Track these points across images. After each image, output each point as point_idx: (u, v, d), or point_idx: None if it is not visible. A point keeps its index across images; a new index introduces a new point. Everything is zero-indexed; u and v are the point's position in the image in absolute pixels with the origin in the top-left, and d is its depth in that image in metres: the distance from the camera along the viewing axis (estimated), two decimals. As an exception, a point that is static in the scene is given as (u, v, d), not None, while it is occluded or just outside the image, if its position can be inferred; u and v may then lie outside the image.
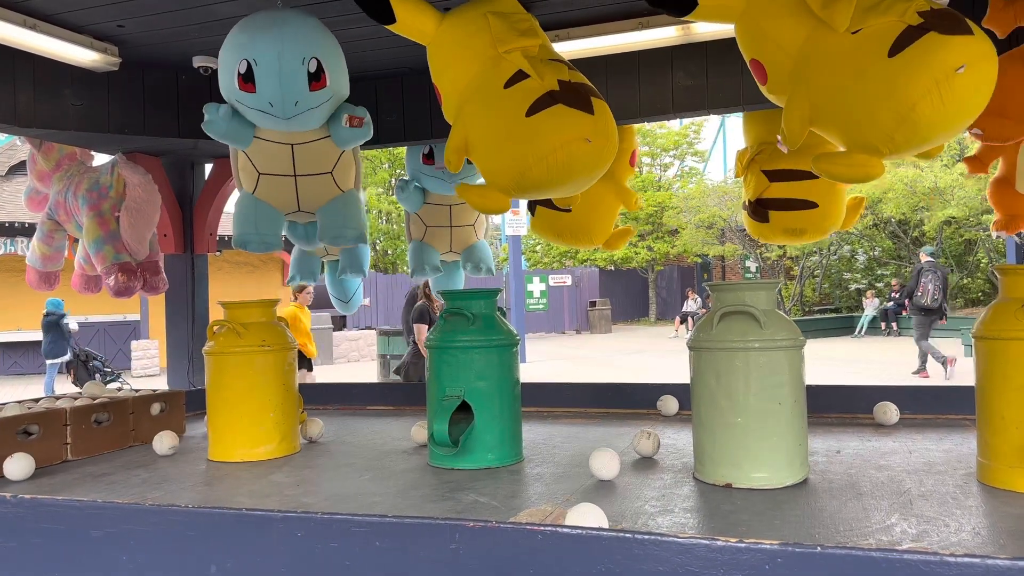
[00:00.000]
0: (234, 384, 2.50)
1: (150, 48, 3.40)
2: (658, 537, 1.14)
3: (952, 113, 1.96)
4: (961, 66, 1.89)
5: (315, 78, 2.68)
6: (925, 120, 1.95)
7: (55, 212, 4.11)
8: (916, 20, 1.97)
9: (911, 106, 1.93)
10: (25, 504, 1.46)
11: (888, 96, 1.97)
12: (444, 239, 4.09)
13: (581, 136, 2.23)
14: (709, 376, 1.98)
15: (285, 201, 3.12)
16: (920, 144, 2.06)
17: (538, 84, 2.26)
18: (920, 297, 11.62)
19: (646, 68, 3.44)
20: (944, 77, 1.90)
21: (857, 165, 2.11)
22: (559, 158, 2.23)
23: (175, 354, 4.28)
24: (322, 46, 2.71)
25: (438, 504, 1.89)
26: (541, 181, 2.28)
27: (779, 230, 3.24)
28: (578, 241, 3.58)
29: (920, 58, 1.92)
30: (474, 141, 2.39)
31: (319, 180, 3.07)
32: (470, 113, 2.40)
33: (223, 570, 1.32)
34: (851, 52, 2.05)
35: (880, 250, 24.69)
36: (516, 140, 2.27)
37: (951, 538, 1.51)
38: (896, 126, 1.98)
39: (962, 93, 1.93)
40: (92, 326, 17.95)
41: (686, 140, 30.63)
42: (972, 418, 2.62)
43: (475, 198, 2.47)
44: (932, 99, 1.92)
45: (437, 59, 2.53)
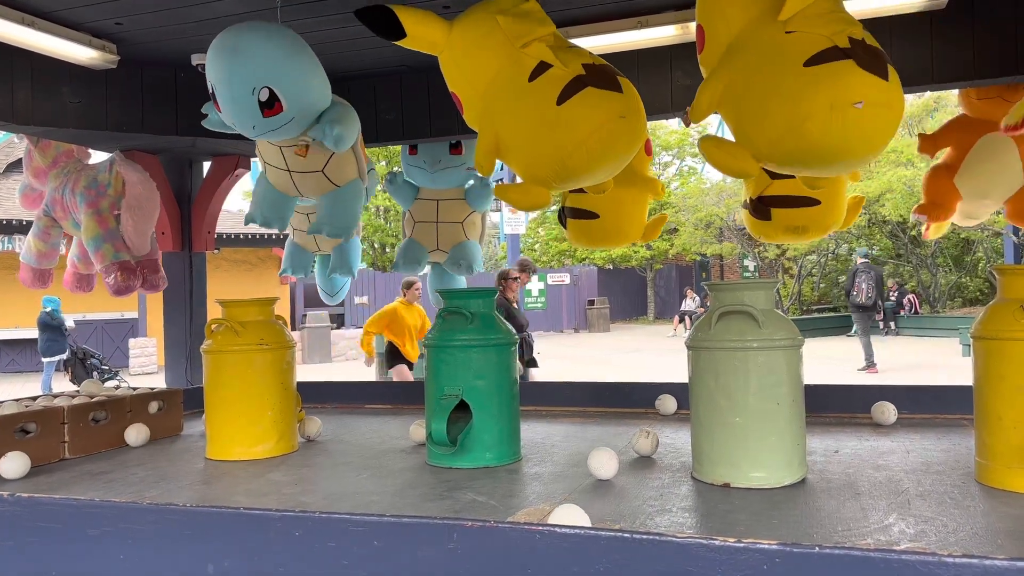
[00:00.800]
0: (232, 383, 2.49)
1: (148, 46, 3.39)
2: (656, 537, 1.14)
3: (838, 141, 1.98)
4: (859, 101, 1.92)
5: (267, 106, 2.67)
6: (811, 138, 1.98)
7: (51, 209, 4.10)
8: (844, 43, 1.99)
9: (802, 119, 1.97)
10: (22, 503, 1.46)
11: (787, 102, 2.01)
12: (431, 235, 4.07)
13: (616, 115, 2.23)
14: (708, 375, 1.98)
15: (286, 188, 3.23)
16: (800, 162, 2.08)
17: (563, 71, 2.25)
18: (856, 296, 12.65)
19: (645, 67, 3.44)
20: (841, 104, 1.94)
21: (737, 158, 2.14)
22: (597, 141, 2.22)
23: (173, 352, 4.28)
24: (276, 71, 2.65)
25: (436, 503, 1.89)
26: (582, 166, 2.27)
27: (781, 228, 3.23)
28: (616, 243, 3.57)
29: (828, 78, 1.96)
30: (506, 139, 2.37)
31: (312, 177, 3.13)
32: (498, 112, 2.38)
33: (220, 569, 1.31)
34: (777, 50, 2.08)
35: (878, 248, 24.69)
36: (551, 130, 2.25)
37: (949, 538, 1.51)
38: (783, 134, 2.02)
39: (853, 127, 1.96)
40: (90, 324, 17.95)
41: (689, 140, 30.62)
42: (970, 418, 2.62)
43: (516, 196, 2.44)
44: (822, 120, 1.95)
45: (452, 67, 2.52)
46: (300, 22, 3.08)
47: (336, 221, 3.19)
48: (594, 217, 3.38)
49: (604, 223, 3.40)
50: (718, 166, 2.23)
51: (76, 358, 12.69)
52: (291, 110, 2.72)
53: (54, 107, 3.43)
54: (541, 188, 2.37)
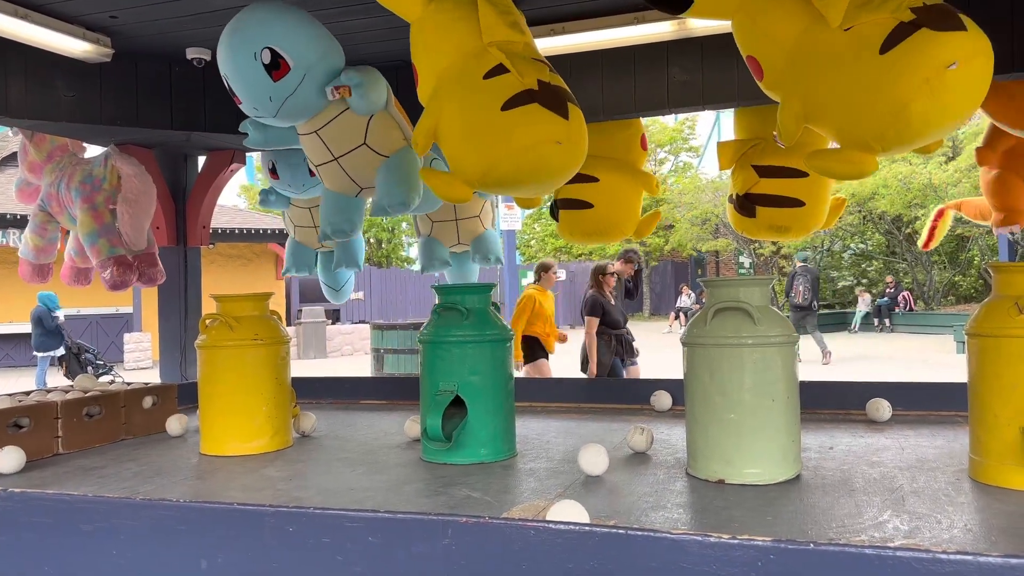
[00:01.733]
0: (226, 378, 2.49)
1: (143, 39, 3.37)
2: (650, 533, 1.14)
3: (944, 110, 1.96)
4: (953, 63, 1.89)
5: (273, 67, 2.61)
6: (917, 117, 1.95)
7: (47, 204, 4.09)
8: (908, 16, 1.96)
9: (903, 104, 1.93)
10: (16, 498, 1.45)
11: (879, 94, 1.97)
12: (451, 232, 4.05)
13: (552, 138, 2.21)
14: (703, 372, 1.98)
15: (343, 184, 3.04)
16: (912, 141, 2.06)
17: (517, 80, 2.24)
18: (793, 297, 13.78)
19: (641, 63, 3.43)
20: (935, 74, 1.90)
21: (852, 162, 2.11)
22: (529, 158, 2.21)
23: (167, 347, 4.27)
24: (272, 32, 2.62)
25: (431, 499, 1.89)
26: (507, 178, 2.26)
27: (764, 226, 3.23)
28: (608, 236, 3.54)
29: (911, 55, 1.92)
30: (445, 128, 2.36)
31: (358, 155, 2.95)
32: (445, 99, 2.37)
33: (214, 565, 1.31)
34: (843, 49, 2.05)
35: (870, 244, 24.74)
36: (488, 133, 2.24)
37: (943, 535, 1.51)
38: (888, 124, 1.98)
39: (954, 90, 1.93)
40: (84, 318, 17.90)
41: (681, 136, 30.63)
42: (964, 415, 2.63)
43: (438, 183, 2.43)
44: (923, 96, 1.92)
45: (419, 39, 2.51)
46: (296, 16, 3.06)
47: (393, 192, 2.89)
48: (588, 207, 3.37)
49: (597, 213, 3.39)
50: (838, 175, 2.21)
51: (71, 353, 12.65)
52: (299, 66, 2.65)
53: (48, 100, 3.41)
54: (464, 185, 2.37)
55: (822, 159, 2.18)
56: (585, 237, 3.59)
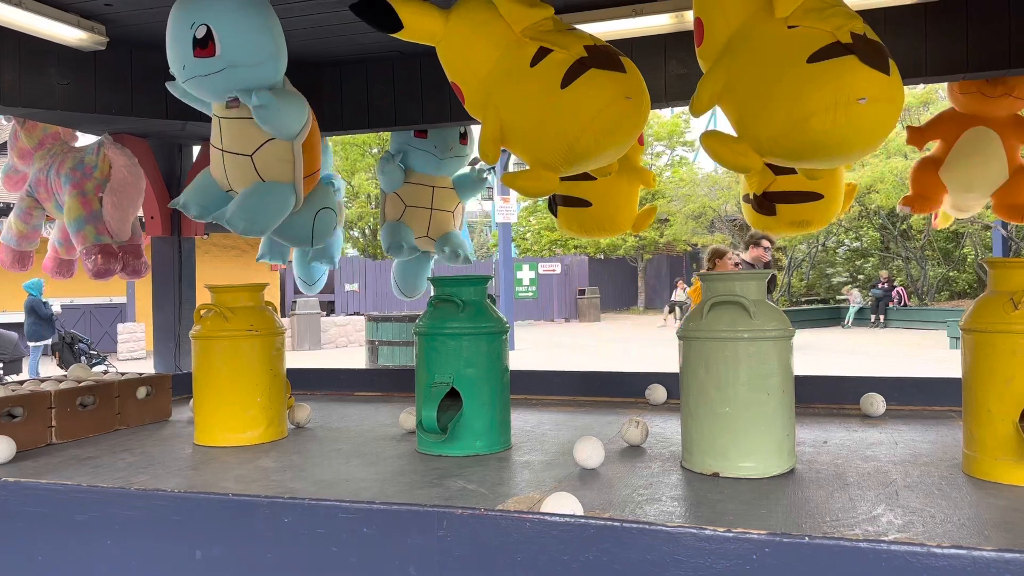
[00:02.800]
0: (221, 368, 2.48)
1: (138, 27, 3.35)
2: (645, 526, 1.14)
3: (840, 138, 1.98)
4: (863, 98, 1.92)
5: (200, 45, 2.63)
6: (813, 134, 1.98)
7: (35, 190, 4.06)
8: (846, 39, 1.99)
9: (806, 116, 1.96)
10: (9, 487, 1.45)
11: (789, 99, 2.00)
12: (423, 221, 4.02)
13: (621, 95, 2.21)
14: (698, 366, 1.98)
15: (219, 176, 2.98)
16: (801, 157, 2.08)
17: (565, 55, 2.23)
18: None
19: (639, 56, 3.42)
20: (845, 101, 1.93)
21: (739, 153, 2.13)
22: (604, 122, 2.20)
23: (161, 337, 4.25)
24: (218, 15, 2.62)
25: (426, 491, 1.89)
26: (589, 149, 2.25)
27: (786, 222, 3.23)
28: (606, 231, 3.54)
29: (831, 74, 1.95)
30: (511, 126, 2.35)
31: (239, 161, 2.88)
32: (501, 100, 2.36)
33: (208, 555, 1.31)
34: (779, 45, 2.07)
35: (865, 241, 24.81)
36: (557, 114, 2.23)
37: (937, 529, 1.52)
38: (786, 130, 2.01)
39: (856, 123, 1.96)
40: (78, 308, 17.84)
41: (678, 130, 30.64)
42: (958, 410, 2.64)
43: (525, 183, 2.42)
44: (826, 117, 1.95)
45: (452, 56, 2.50)
46: (292, 5, 3.05)
47: (241, 212, 2.81)
48: (586, 205, 3.37)
49: (597, 211, 3.39)
50: (720, 161, 2.22)
51: (64, 343, 12.62)
52: (224, 58, 2.64)
53: (42, 88, 3.39)
54: (549, 173, 2.36)
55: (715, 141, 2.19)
56: (584, 232, 3.60)
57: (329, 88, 3.81)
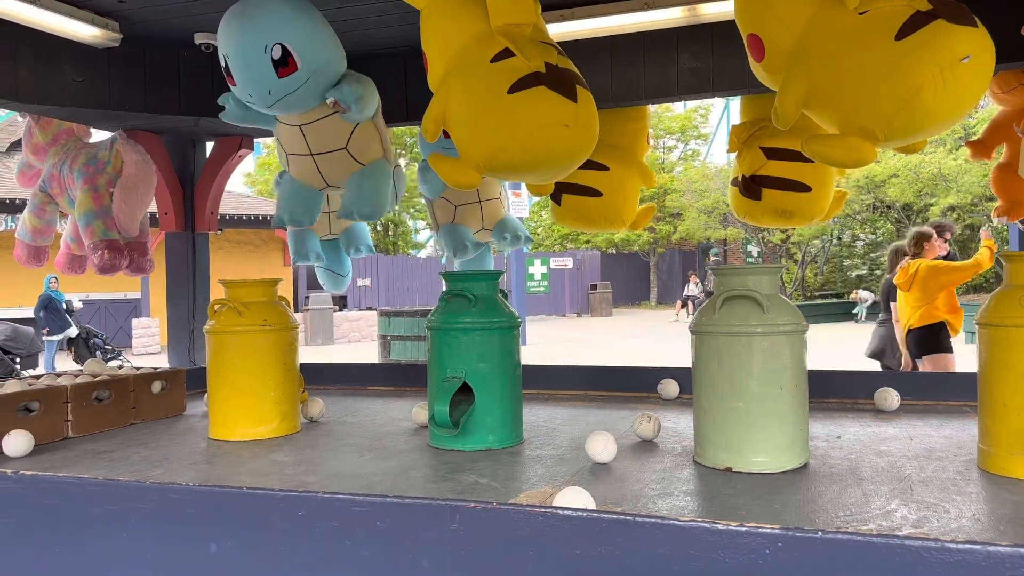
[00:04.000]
0: (235, 363, 2.49)
1: (151, 24, 3.37)
2: (658, 520, 1.14)
3: (952, 102, 1.96)
4: (966, 56, 1.89)
5: (281, 64, 2.63)
6: (926, 107, 1.95)
7: (48, 185, 4.10)
8: (925, 6, 1.96)
9: (915, 91, 1.92)
10: (26, 480, 1.46)
11: (892, 79, 1.95)
12: (476, 216, 4.00)
13: (561, 122, 2.20)
14: (711, 360, 1.97)
15: (312, 178, 3.09)
16: (916, 131, 2.05)
17: (524, 64, 2.23)
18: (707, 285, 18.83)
19: (651, 50, 3.41)
20: (949, 65, 1.90)
21: (851, 148, 2.09)
22: (535, 141, 2.20)
23: (176, 332, 4.28)
24: (287, 29, 2.64)
25: (438, 484, 1.89)
26: (514, 162, 2.25)
27: (769, 210, 3.20)
28: (611, 224, 3.52)
29: (927, 44, 1.91)
30: (453, 112, 2.35)
31: (335, 157, 3.01)
32: (453, 84, 2.36)
33: (223, 548, 1.32)
34: (857, 32, 2.03)
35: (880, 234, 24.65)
36: (494, 116, 2.23)
37: (951, 524, 1.51)
38: (897, 110, 1.97)
39: (964, 83, 1.93)
40: (93, 304, 17.99)
41: (692, 124, 30.51)
42: (972, 405, 2.62)
43: (446, 168, 2.43)
44: (936, 86, 1.91)
45: (428, 25, 2.50)
46: (304, 1, 3.05)
47: (365, 200, 3.01)
48: (596, 195, 3.35)
49: (605, 202, 3.38)
50: (834, 162, 2.17)
51: (79, 337, 12.73)
52: (306, 68, 2.68)
53: (56, 85, 3.41)
54: (471, 170, 2.36)
55: (821, 144, 2.16)
56: (587, 224, 3.57)
57: (341, 83, 3.81)
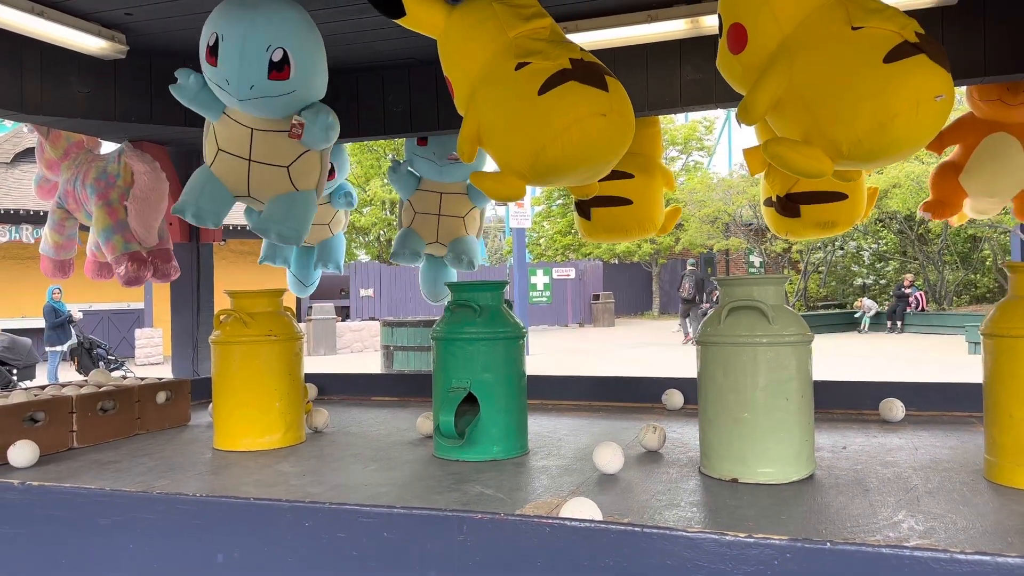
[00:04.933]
0: (240, 373, 2.50)
1: (157, 36, 3.39)
2: (666, 531, 1.13)
3: (917, 134, 2.00)
4: (940, 95, 1.93)
5: (277, 68, 2.62)
6: (896, 134, 1.98)
7: (64, 201, 4.12)
8: (913, 38, 1.99)
9: (891, 116, 1.95)
10: (33, 491, 1.46)
11: (874, 99, 1.98)
12: (431, 227, 4.03)
13: (596, 112, 2.20)
14: (716, 371, 1.97)
15: (236, 183, 2.99)
16: (880, 155, 2.07)
17: (549, 64, 2.24)
18: (680, 292, 19.56)
19: (654, 61, 3.42)
20: (925, 99, 1.95)
21: (812, 158, 2.10)
22: (574, 135, 2.19)
23: (180, 342, 4.28)
24: (298, 41, 2.64)
25: (444, 495, 1.89)
26: (557, 161, 2.24)
27: (811, 224, 3.20)
28: (644, 231, 3.51)
29: (910, 74, 1.95)
30: (487, 127, 2.36)
31: (273, 171, 2.94)
32: (481, 100, 2.38)
33: (230, 559, 1.32)
34: (848, 46, 2.05)
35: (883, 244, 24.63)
36: (529, 120, 2.23)
37: (959, 535, 1.51)
38: (871, 131, 2.00)
39: (932, 119, 1.98)
40: (96, 314, 17.99)
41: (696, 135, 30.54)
42: (978, 416, 2.61)
43: (490, 184, 2.43)
44: (910, 115, 1.96)
45: (448, 51, 2.52)
46: (310, 13, 3.07)
47: (290, 224, 2.91)
48: (627, 203, 3.36)
49: (637, 210, 3.37)
50: (792, 168, 2.17)
51: (82, 348, 12.73)
52: (296, 81, 2.67)
53: (63, 97, 3.43)
54: (517, 180, 2.36)
55: (784, 147, 2.15)
56: (619, 234, 3.55)
57: (344, 95, 3.83)
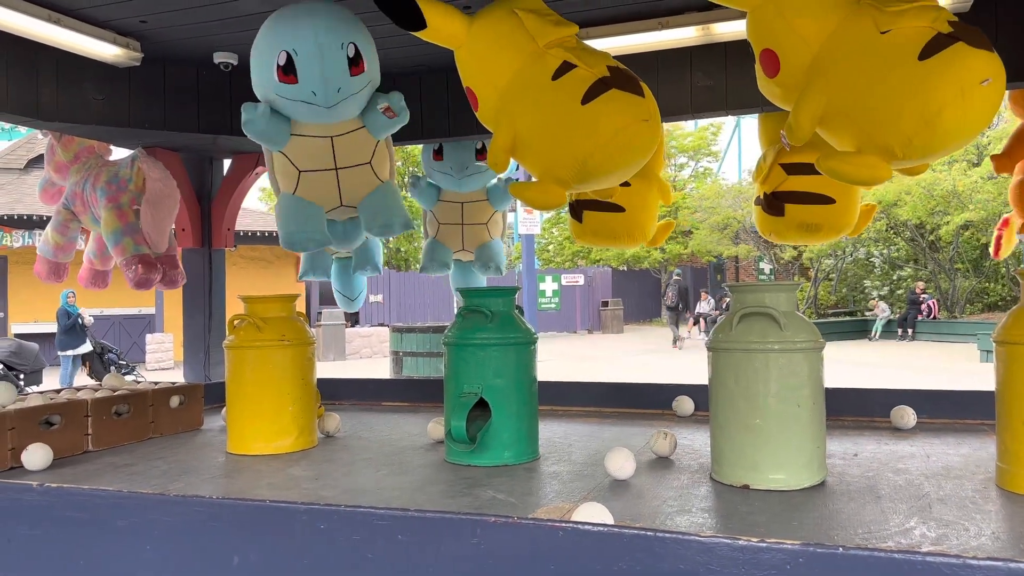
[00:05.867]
0: (253, 378, 2.52)
1: (171, 44, 3.42)
2: (679, 536, 1.14)
3: (971, 122, 1.98)
4: (986, 79, 1.91)
5: (354, 63, 2.66)
6: (947, 126, 1.96)
7: (71, 203, 4.15)
8: (947, 29, 1.98)
9: (937, 111, 1.94)
10: (52, 493, 1.48)
11: (915, 98, 1.97)
12: (456, 237, 4.08)
13: (639, 118, 2.25)
14: (728, 377, 1.98)
15: (327, 197, 3.03)
16: (935, 150, 2.06)
17: (588, 72, 2.27)
18: (665, 300, 21.56)
19: (665, 68, 3.44)
20: (970, 87, 1.92)
21: (866, 166, 2.10)
22: (620, 142, 2.24)
23: (191, 347, 4.31)
24: (357, 31, 2.69)
25: (456, 500, 1.90)
26: (601, 167, 2.28)
27: (794, 225, 3.20)
28: (633, 240, 3.53)
29: (950, 65, 1.93)
30: (525, 137, 2.38)
31: (359, 171, 3.01)
32: (517, 110, 2.39)
33: (246, 561, 1.33)
34: (880, 51, 2.04)
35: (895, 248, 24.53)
36: (574, 129, 2.26)
37: (971, 542, 1.50)
38: (918, 129, 1.98)
39: (982, 105, 1.95)
40: (107, 319, 18.10)
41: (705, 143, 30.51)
42: (990, 423, 2.60)
43: (532, 195, 2.45)
44: (956, 106, 1.93)
45: (471, 62, 2.53)
46: (323, 21, 3.09)
47: (396, 212, 3.05)
48: (620, 211, 3.37)
49: (629, 217, 3.38)
50: (850, 179, 2.18)
51: (94, 353, 12.81)
52: (369, 72, 2.72)
53: (78, 103, 3.47)
54: (558, 188, 2.38)
55: (836, 160, 2.16)
56: (609, 240, 3.57)
57: (358, 102, 3.86)
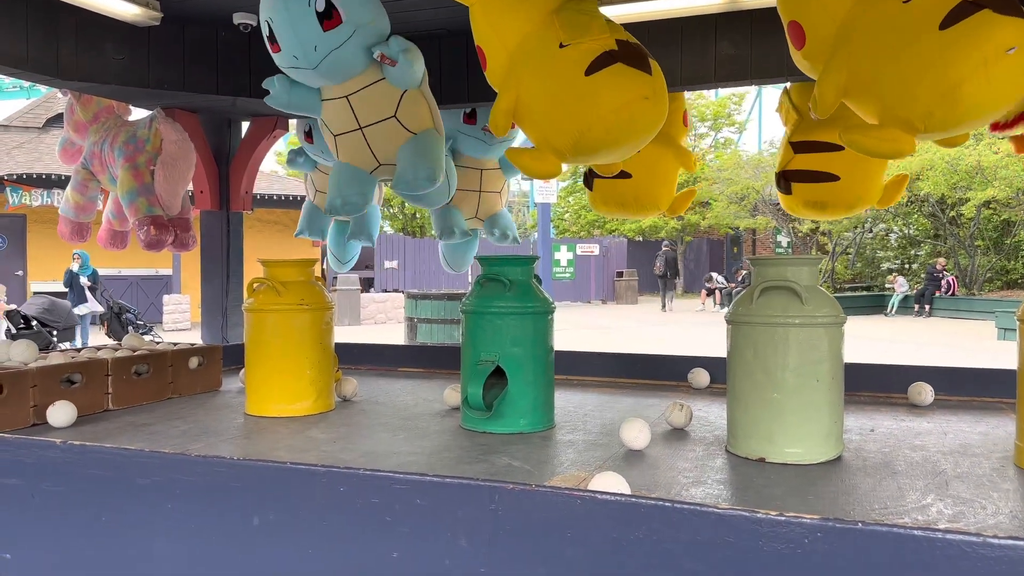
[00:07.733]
0: (273, 341, 2.53)
1: (191, 4, 3.40)
2: (697, 507, 1.14)
3: (996, 96, 1.91)
4: (1013, 47, 1.84)
5: (326, 16, 2.60)
6: (968, 99, 1.90)
7: (89, 162, 4.16)
8: None
9: (957, 83, 1.88)
10: (75, 450, 1.50)
11: (934, 70, 1.92)
12: (472, 204, 4.05)
13: (641, 95, 2.21)
14: (747, 350, 1.97)
15: (363, 158, 2.95)
16: (957, 125, 2.01)
17: (596, 43, 2.23)
18: (655, 270, 23.69)
19: (688, 36, 3.38)
20: (994, 57, 1.85)
21: (888, 140, 2.06)
22: (620, 118, 2.20)
23: (209, 309, 4.35)
24: None
25: (472, 466, 1.91)
26: (600, 141, 2.25)
27: (800, 202, 3.18)
28: (644, 209, 3.48)
29: (972, 34, 1.87)
30: (527, 102, 2.35)
31: (384, 127, 2.89)
32: (522, 74, 2.36)
33: (265, 522, 1.35)
34: (901, 21, 1.99)
35: (915, 228, 24.28)
36: (575, 100, 2.23)
37: (988, 520, 1.50)
38: (937, 102, 1.93)
39: (1008, 76, 1.88)
40: (124, 279, 18.28)
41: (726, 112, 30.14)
42: (1009, 401, 2.59)
43: (528, 162, 2.43)
44: (978, 78, 1.87)
45: (483, 20, 2.50)
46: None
47: (421, 167, 2.83)
48: (626, 177, 3.33)
49: (635, 185, 3.34)
50: (871, 152, 2.13)
51: (112, 312, 12.95)
52: (350, 22, 2.65)
53: (97, 63, 3.46)
54: (554, 157, 2.36)
55: (858, 134, 2.12)
56: (619, 209, 3.53)
57: (377, 66, 3.83)
